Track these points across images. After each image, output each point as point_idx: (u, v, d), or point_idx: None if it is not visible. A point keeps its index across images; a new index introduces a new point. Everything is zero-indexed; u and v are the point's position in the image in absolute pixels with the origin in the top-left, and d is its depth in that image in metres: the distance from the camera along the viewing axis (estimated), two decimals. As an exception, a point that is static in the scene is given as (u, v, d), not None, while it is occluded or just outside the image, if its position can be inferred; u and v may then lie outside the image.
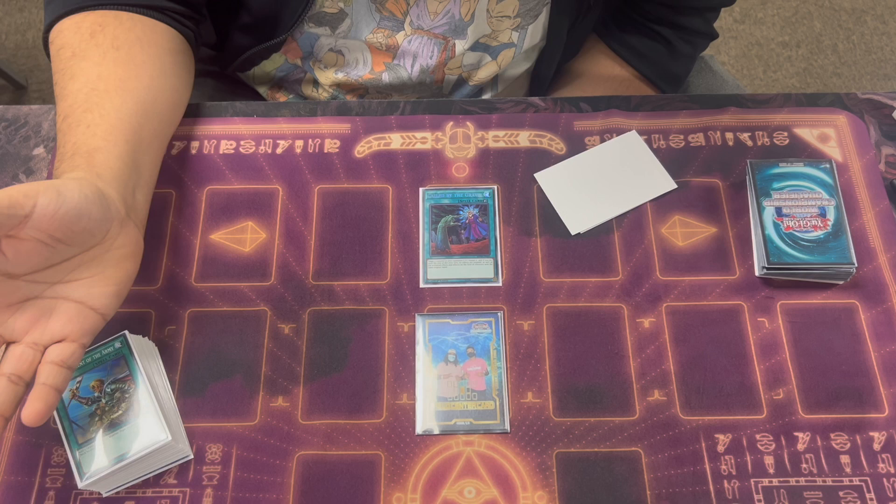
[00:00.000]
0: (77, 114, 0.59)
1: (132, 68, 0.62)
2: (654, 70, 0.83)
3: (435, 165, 0.69)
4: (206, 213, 0.67)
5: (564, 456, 0.58)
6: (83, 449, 0.54)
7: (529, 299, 0.63)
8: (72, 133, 0.58)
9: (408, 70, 0.78)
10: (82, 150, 0.56)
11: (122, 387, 0.56)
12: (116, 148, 0.57)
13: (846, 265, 0.61)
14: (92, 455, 0.54)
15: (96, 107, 0.59)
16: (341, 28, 0.73)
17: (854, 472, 0.57)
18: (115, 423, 0.55)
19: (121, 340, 0.58)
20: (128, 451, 0.54)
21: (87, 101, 0.59)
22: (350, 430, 0.59)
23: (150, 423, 0.55)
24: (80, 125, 0.58)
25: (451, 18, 0.72)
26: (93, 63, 0.61)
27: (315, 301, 0.63)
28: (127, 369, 0.57)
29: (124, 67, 0.62)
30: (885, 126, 0.71)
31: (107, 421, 0.55)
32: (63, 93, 0.61)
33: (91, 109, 0.59)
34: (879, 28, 1.79)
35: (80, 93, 0.60)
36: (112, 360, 0.57)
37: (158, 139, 0.64)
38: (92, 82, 0.60)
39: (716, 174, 0.68)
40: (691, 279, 0.64)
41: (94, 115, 0.58)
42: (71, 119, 0.59)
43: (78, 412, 0.56)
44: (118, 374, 0.57)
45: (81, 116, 0.58)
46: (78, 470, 0.54)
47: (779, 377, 0.60)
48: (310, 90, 0.83)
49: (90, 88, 0.60)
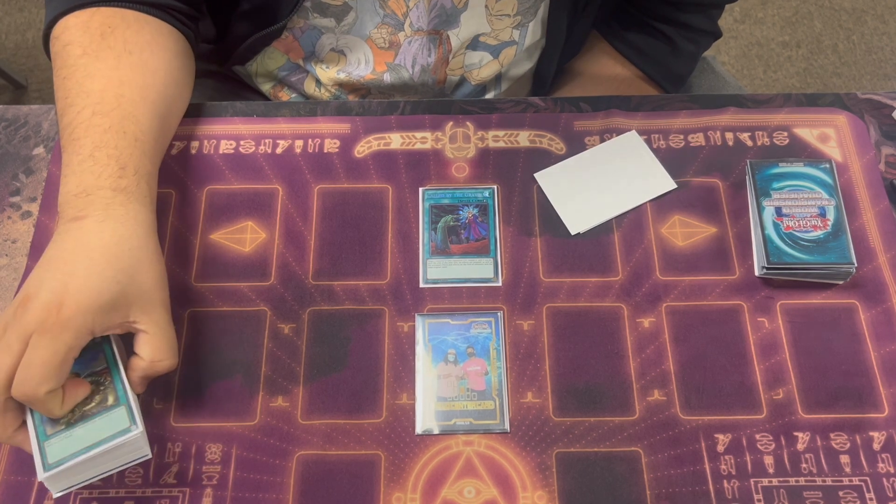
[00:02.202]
0: (115, 118, 0.59)
1: (148, 75, 0.63)
2: (657, 69, 0.83)
3: (435, 165, 0.69)
4: (206, 213, 0.67)
5: (564, 456, 0.58)
6: (50, 440, 0.52)
7: (529, 299, 0.63)
8: (116, 137, 0.58)
9: (409, 70, 0.78)
10: (141, 170, 0.59)
11: (98, 379, 0.55)
12: (154, 170, 0.61)
13: (846, 265, 0.61)
14: (58, 446, 0.52)
15: (132, 117, 0.60)
16: (346, 21, 0.73)
17: (854, 472, 0.57)
18: (87, 415, 0.53)
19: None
20: (95, 442, 0.52)
21: (121, 106, 0.59)
22: (350, 430, 0.59)
23: (121, 415, 0.53)
24: (126, 134, 0.59)
25: (442, 10, 0.72)
26: (109, 66, 0.61)
27: (315, 301, 0.63)
28: (105, 362, 0.56)
29: (141, 74, 0.62)
30: (885, 126, 0.71)
31: (79, 413, 0.53)
32: (81, 89, 0.60)
33: (128, 118, 0.59)
34: (880, 28, 1.79)
35: (107, 93, 0.60)
36: (91, 353, 0.56)
37: (164, 153, 0.66)
38: (115, 86, 0.60)
39: (716, 174, 0.68)
40: (691, 279, 0.64)
41: (135, 128, 0.59)
42: (108, 121, 0.58)
43: None
44: (95, 367, 0.55)
45: (122, 124, 0.59)
46: (43, 461, 0.51)
47: (779, 377, 0.60)
48: (312, 89, 0.83)
49: (117, 93, 0.60)
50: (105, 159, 0.57)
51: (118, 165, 0.57)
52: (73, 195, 0.56)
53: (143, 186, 0.58)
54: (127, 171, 0.57)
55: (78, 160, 0.57)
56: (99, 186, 0.56)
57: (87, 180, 0.56)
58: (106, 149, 0.57)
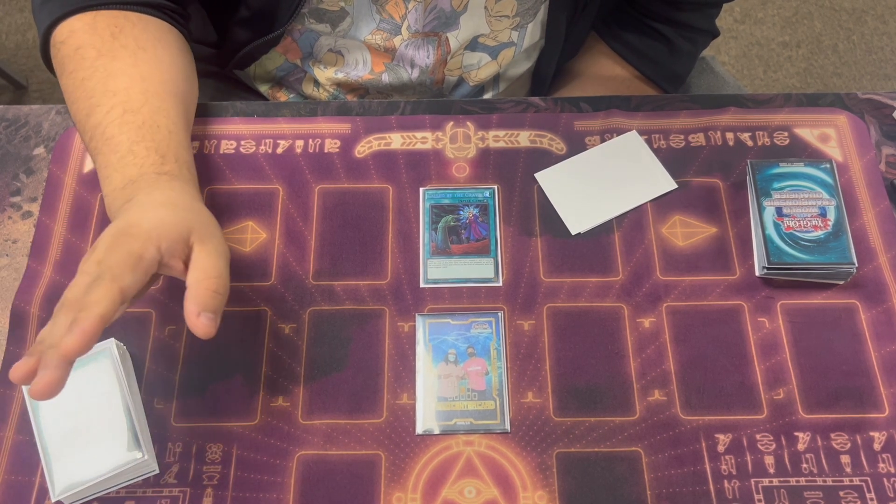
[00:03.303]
0: (146, 114, 0.59)
1: (164, 70, 0.63)
2: (655, 69, 0.83)
3: (435, 165, 0.69)
4: (207, 212, 0.67)
5: (565, 456, 0.58)
6: (59, 463, 0.54)
7: (529, 299, 0.63)
8: (151, 131, 0.59)
9: (408, 71, 0.78)
10: (181, 159, 0.59)
11: (105, 400, 0.56)
12: (191, 159, 0.61)
13: (846, 265, 0.61)
14: (67, 470, 0.54)
15: (161, 111, 0.60)
16: (342, 26, 0.73)
17: (854, 472, 0.57)
18: (91, 439, 0.55)
19: (105, 352, 0.57)
20: (102, 468, 0.54)
21: (149, 102, 0.60)
22: (350, 429, 0.59)
23: (125, 440, 0.54)
24: (160, 128, 0.59)
25: (440, 13, 0.72)
26: (128, 64, 0.62)
27: (315, 301, 0.63)
28: (112, 383, 0.56)
29: (158, 70, 0.63)
30: (886, 126, 0.71)
31: (84, 435, 0.55)
32: (105, 89, 0.60)
33: (158, 112, 0.60)
34: (880, 28, 1.79)
35: (133, 91, 0.60)
36: (98, 374, 0.56)
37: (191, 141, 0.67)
38: (139, 83, 0.61)
39: (716, 174, 0.68)
40: (691, 279, 0.64)
41: (167, 121, 0.60)
42: (140, 117, 0.59)
43: (57, 426, 0.55)
44: (102, 388, 0.56)
45: (154, 118, 0.59)
46: (52, 485, 0.54)
47: (779, 377, 0.60)
48: (310, 89, 0.83)
49: (142, 89, 0.60)
50: (144, 152, 0.58)
51: (158, 155, 0.58)
52: (120, 189, 0.56)
53: (186, 172, 0.59)
54: (167, 159, 0.58)
55: (117, 157, 0.58)
56: (143, 174, 0.57)
57: (131, 172, 0.57)
58: (144, 142, 0.58)
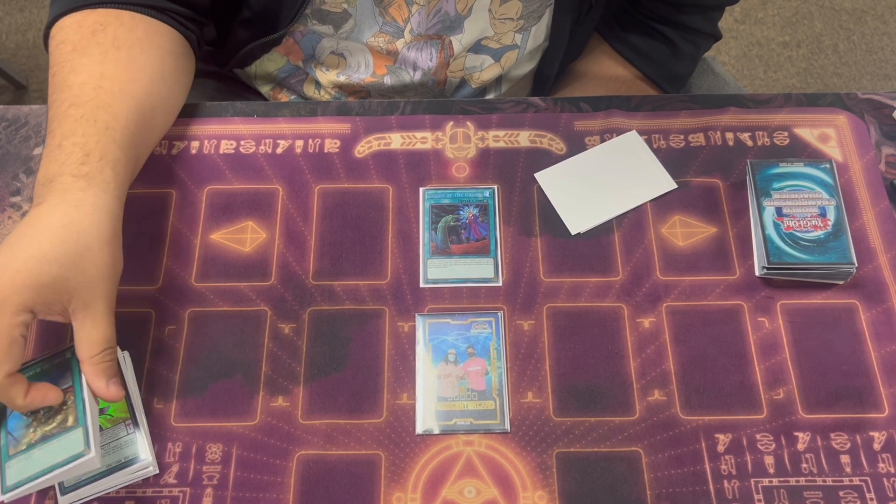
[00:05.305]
0: (89, 108, 0.59)
1: (133, 71, 0.63)
2: (657, 70, 0.83)
3: (435, 165, 0.69)
4: (207, 213, 0.67)
5: (564, 456, 0.58)
6: (11, 461, 0.52)
7: (529, 299, 0.63)
8: (85, 125, 0.58)
9: (410, 73, 0.78)
10: (108, 156, 0.57)
11: (63, 398, 0.54)
12: (126, 159, 0.59)
13: (846, 265, 0.61)
14: (16, 468, 0.52)
15: (107, 107, 0.59)
16: (344, 28, 0.73)
17: (854, 472, 0.57)
18: (47, 436, 0.53)
19: (72, 350, 0.56)
20: (50, 466, 0.52)
21: (97, 97, 0.59)
22: (350, 429, 0.59)
23: (76, 438, 0.52)
24: (96, 122, 0.58)
25: (445, 17, 0.72)
26: (94, 61, 0.61)
27: (315, 301, 0.63)
28: (71, 380, 0.55)
29: (126, 69, 0.62)
30: (886, 126, 0.71)
31: (40, 433, 0.53)
32: (64, 83, 0.61)
33: (102, 108, 0.59)
34: (880, 28, 1.79)
35: (87, 86, 0.60)
36: (58, 371, 0.55)
37: (148, 148, 0.66)
38: (96, 79, 0.60)
39: (716, 174, 0.68)
40: (691, 279, 0.64)
41: (108, 117, 0.59)
42: (81, 111, 0.59)
43: (16, 423, 0.54)
44: (62, 385, 0.55)
45: (94, 113, 0.59)
46: (2, 482, 0.52)
47: (779, 377, 0.60)
48: (311, 91, 0.83)
49: (97, 85, 0.60)
50: (70, 147, 0.57)
51: (83, 153, 0.57)
52: (40, 184, 0.56)
53: (108, 172, 0.57)
54: (91, 157, 0.57)
55: (48, 151, 0.58)
56: (60, 174, 0.56)
57: (52, 168, 0.56)
58: (73, 137, 0.57)
